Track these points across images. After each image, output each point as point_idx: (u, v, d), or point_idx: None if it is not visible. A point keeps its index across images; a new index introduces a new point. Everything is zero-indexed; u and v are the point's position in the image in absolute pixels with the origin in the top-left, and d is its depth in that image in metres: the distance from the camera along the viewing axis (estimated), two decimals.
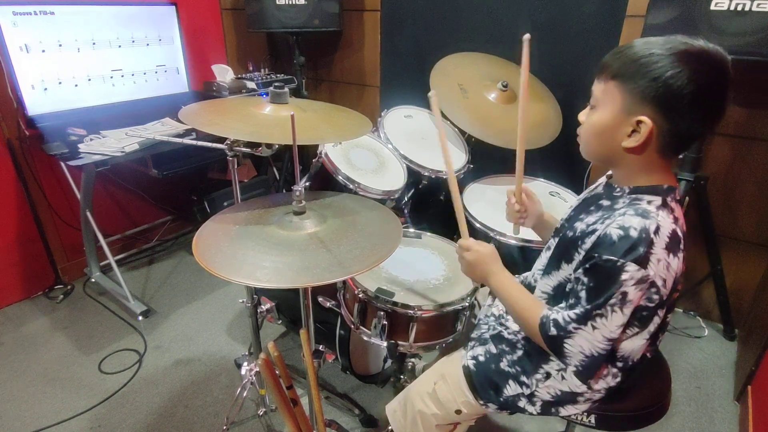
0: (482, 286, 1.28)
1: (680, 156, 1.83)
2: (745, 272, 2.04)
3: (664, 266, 0.81)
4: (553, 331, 0.89)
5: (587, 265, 0.85)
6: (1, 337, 2.06)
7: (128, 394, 1.77)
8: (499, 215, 1.68)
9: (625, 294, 0.81)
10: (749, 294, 2.06)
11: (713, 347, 2.06)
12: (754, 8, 1.46)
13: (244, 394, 1.56)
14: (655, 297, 0.83)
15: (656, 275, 0.81)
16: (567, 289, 0.92)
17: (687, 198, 1.83)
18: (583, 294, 0.86)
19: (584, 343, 0.87)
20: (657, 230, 0.81)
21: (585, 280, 0.86)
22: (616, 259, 0.80)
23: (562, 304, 0.92)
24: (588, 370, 0.90)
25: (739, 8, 1.48)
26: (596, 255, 0.83)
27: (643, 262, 0.79)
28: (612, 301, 0.82)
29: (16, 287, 2.27)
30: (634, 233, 0.80)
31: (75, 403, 1.73)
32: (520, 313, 0.98)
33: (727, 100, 0.80)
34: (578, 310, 0.86)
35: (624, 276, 0.80)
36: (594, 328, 0.85)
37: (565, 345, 0.88)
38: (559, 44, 2.09)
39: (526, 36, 1.08)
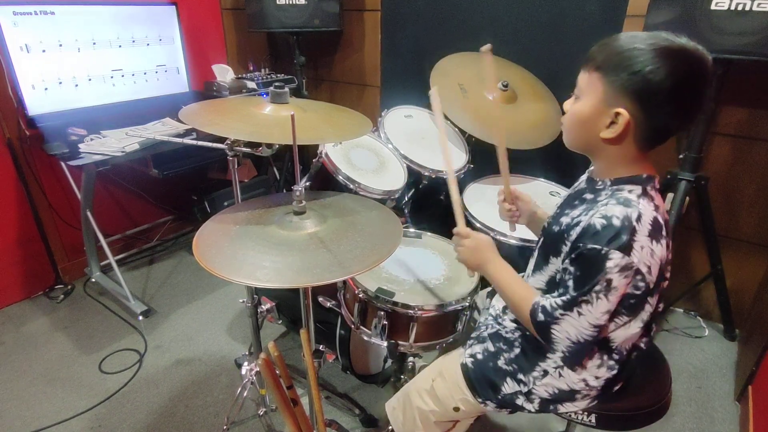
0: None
1: (681, 156, 1.83)
2: (746, 272, 2.04)
3: (648, 253, 0.83)
4: (541, 317, 0.91)
5: (573, 255, 0.87)
6: (1, 337, 2.06)
7: (128, 393, 1.78)
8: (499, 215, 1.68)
9: (609, 281, 0.82)
10: (750, 294, 2.06)
11: (714, 347, 2.06)
12: (754, 8, 1.46)
13: (245, 394, 1.56)
14: (641, 284, 0.85)
15: (640, 262, 0.82)
16: (557, 280, 0.94)
17: (688, 198, 1.83)
18: (570, 283, 0.87)
19: (570, 329, 0.88)
20: (639, 218, 0.83)
21: (572, 269, 0.87)
22: (600, 247, 0.82)
23: (554, 293, 0.94)
24: (575, 357, 0.94)
25: (740, 8, 1.47)
26: (581, 245, 0.85)
27: (626, 249, 0.81)
28: (597, 288, 0.83)
29: (17, 287, 2.28)
30: (616, 222, 0.82)
31: (75, 402, 1.73)
32: (515, 299, 1.00)
33: (705, 97, 0.82)
34: (565, 297, 0.88)
35: (609, 264, 0.81)
36: (580, 314, 0.86)
37: (552, 331, 0.90)
38: (560, 44, 2.09)
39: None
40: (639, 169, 0.90)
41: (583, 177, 1.04)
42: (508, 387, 1.05)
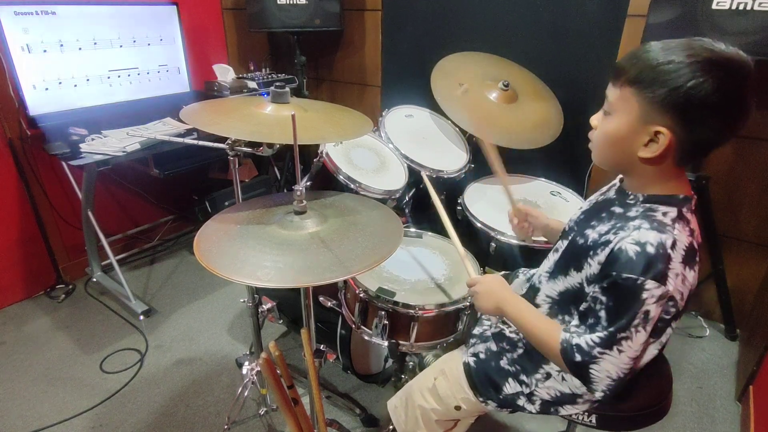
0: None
1: None
2: (747, 272, 2.04)
3: (681, 280, 0.80)
4: (578, 357, 0.85)
5: (605, 284, 0.82)
6: (2, 337, 2.07)
7: (129, 393, 1.78)
8: (500, 215, 1.68)
9: (647, 312, 0.79)
10: (751, 294, 2.05)
11: (715, 347, 2.05)
12: (755, 7, 1.45)
13: (246, 394, 1.56)
14: (672, 310, 0.82)
15: (675, 290, 0.79)
16: (582, 308, 0.89)
17: None
18: (603, 314, 0.83)
19: (611, 367, 0.83)
20: (674, 245, 0.79)
21: (604, 299, 0.83)
22: (635, 277, 0.78)
23: (576, 322, 0.89)
24: (613, 392, 0.88)
25: (741, 7, 1.47)
26: (614, 273, 0.80)
27: (662, 278, 0.77)
28: (635, 321, 0.80)
29: (18, 287, 2.28)
30: (651, 249, 0.78)
31: (76, 402, 1.73)
32: (539, 336, 0.94)
33: (751, 106, 0.76)
34: (602, 334, 0.82)
35: (645, 294, 0.78)
36: (620, 351, 0.82)
37: (591, 371, 0.85)
38: (561, 43, 2.09)
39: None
40: (675, 187, 0.85)
41: (614, 184, 0.98)
42: (510, 387, 1.04)
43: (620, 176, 0.96)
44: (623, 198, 0.91)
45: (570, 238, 0.98)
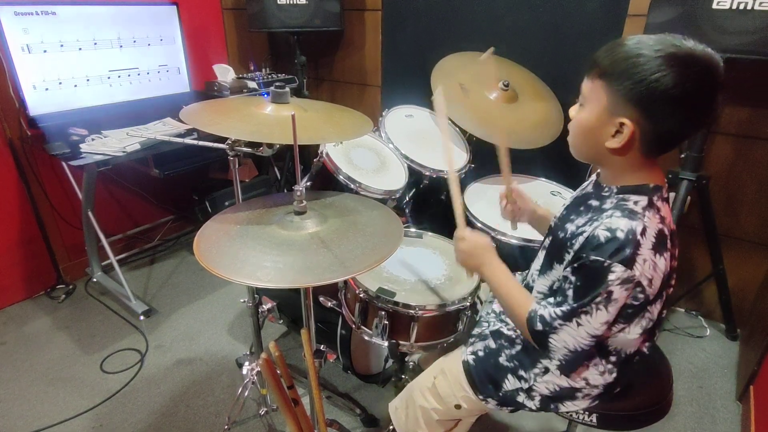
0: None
1: (682, 155, 1.83)
2: (747, 272, 2.04)
3: (651, 266, 0.82)
4: (539, 326, 0.91)
5: (575, 265, 0.86)
6: (3, 337, 2.07)
7: (130, 393, 1.78)
8: (500, 215, 1.68)
9: (610, 293, 0.82)
10: (751, 294, 2.05)
11: (715, 347, 2.05)
12: (756, 7, 1.45)
13: (246, 394, 1.56)
14: (641, 296, 0.85)
15: (642, 275, 0.82)
16: (555, 287, 0.93)
17: (689, 198, 1.82)
18: (570, 293, 0.87)
19: (568, 338, 0.88)
20: (643, 231, 0.82)
21: (573, 279, 0.87)
22: (603, 259, 0.81)
23: (551, 299, 0.93)
24: (570, 365, 0.94)
25: (741, 7, 1.47)
26: (584, 255, 0.84)
27: (629, 263, 0.80)
28: (597, 299, 0.83)
29: (18, 287, 2.28)
30: (620, 234, 0.81)
31: (77, 402, 1.73)
32: (511, 304, 1.00)
33: (716, 103, 0.79)
34: (564, 308, 0.88)
35: (611, 276, 0.81)
36: (579, 324, 0.87)
37: (550, 340, 0.90)
38: (561, 43, 2.09)
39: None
40: (646, 177, 0.88)
41: (592, 178, 1.02)
42: (509, 384, 1.05)
43: (597, 171, 0.99)
44: (599, 191, 0.94)
45: (554, 234, 1.01)
